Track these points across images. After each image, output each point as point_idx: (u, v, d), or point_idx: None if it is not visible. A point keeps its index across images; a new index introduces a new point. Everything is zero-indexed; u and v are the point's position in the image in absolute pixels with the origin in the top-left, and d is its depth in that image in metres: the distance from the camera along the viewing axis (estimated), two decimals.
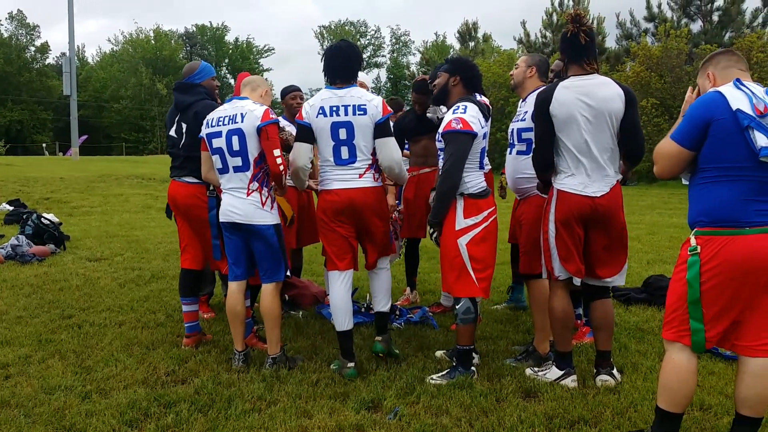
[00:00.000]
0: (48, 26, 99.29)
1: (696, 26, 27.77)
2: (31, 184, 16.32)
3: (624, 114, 3.72)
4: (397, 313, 5.34)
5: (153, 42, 62.24)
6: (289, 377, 3.98)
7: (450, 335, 4.88)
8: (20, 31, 57.24)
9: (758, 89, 2.78)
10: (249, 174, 4.07)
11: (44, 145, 49.20)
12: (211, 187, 4.46)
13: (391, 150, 4.11)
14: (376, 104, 4.08)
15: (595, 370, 3.97)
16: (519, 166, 4.35)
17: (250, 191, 4.08)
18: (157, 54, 60.71)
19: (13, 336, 4.81)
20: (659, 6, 28.54)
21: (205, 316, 5.40)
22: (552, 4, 32.95)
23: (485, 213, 3.98)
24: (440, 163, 4.00)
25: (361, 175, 4.10)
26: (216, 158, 4.15)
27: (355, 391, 3.76)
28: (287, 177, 4.26)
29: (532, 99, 4.17)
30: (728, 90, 2.76)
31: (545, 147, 3.81)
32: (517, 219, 4.45)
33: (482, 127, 3.99)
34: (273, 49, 72.70)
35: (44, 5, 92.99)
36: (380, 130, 4.08)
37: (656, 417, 3.02)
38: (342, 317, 4.15)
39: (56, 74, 54.90)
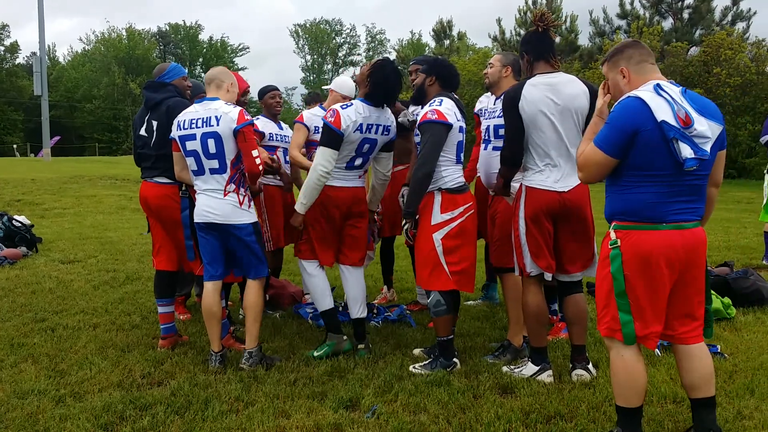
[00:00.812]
0: (18, 26, 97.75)
1: (667, 24, 28.20)
2: (1, 185, 16.02)
3: (589, 110, 3.78)
4: (375, 311, 5.34)
5: (126, 41, 61.53)
6: (267, 377, 3.96)
7: (428, 333, 4.89)
8: None
9: (674, 91, 2.82)
10: (226, 176, 4.08)
11: (15, 146, 48.36)
12: (184, 188, 4.42)
13: (390, 161, 4.58)
14: (394, 124, 4.47)
15: (570, 365, 4.01)
16: (494, 162, 4.39)
17: (227, 192, 4.09)
18: (130, 53, 60.02)
19: None
20: (632, 3, 28.93)
21: (181, 317, 5.35)
22: (526, 3, 33.22)
23: (462, 208, 4.05)
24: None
25: (360, 177, 4.47)
26: (191, 160, 4.13)
27: (332, 390, 3.76)
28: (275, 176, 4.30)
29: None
30: (650, 98, 2.78)
31: (516, 143, 3.84)
32: (491, 215, 4.48)
33: (458, 120, 4.05)
34: (248, 48, 72.59)
35: (13, 4, 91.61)
36: (390, 145, 4.49)
37: (618, 415, 3.04)
38: (327, 297, 4.44)
39: (27, 74, 53.99)
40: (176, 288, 4.91)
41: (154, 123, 4.49)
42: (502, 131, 4.29)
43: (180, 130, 4.13)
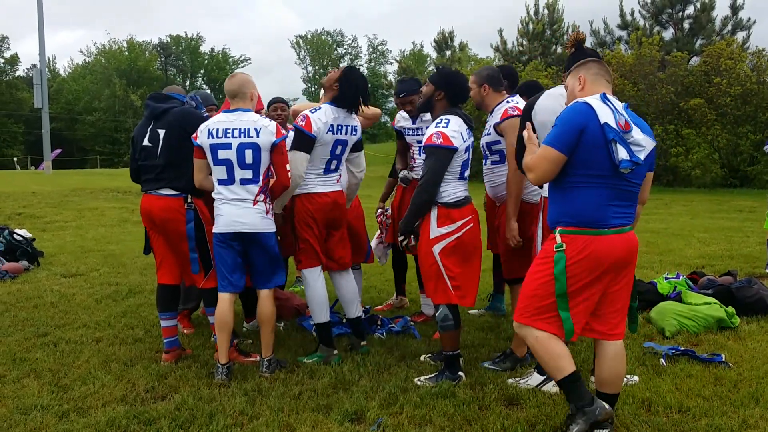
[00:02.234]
0: (18, 38, 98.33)
1: (668, 34, 28.30)
2: (2, 199, 16.03)
3: None
4: (379, 323, 5.33)
5: (127, 53, 61.79)
6: (271, 390, 3.95)
7: (432, 344, 4.88)
8: None
9: (618, 105, 3.09)
10: (258, 186, 4.16)
11: (15, 159, 48.41)
12: (189, 200, 4.42)
13: (363, 159, 4.90)
14: (359, 124, 4.70)
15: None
16: (496, 176, 4.54)
17: (256, 201, 4.17)
18: (131, 65, 60.29)
19: None
20: (632, 14, 29.04)
21: (185, 331, 5.33)
22: (528, 13, 33.34)
23: (459, 223, 4.06)
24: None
25: (337, 180, 4.65)
26: (220, 169, 4.16)
27: (337, 402, 3.74)
28: None
29: (498, 111, 4.37)
30: (596, 103, 3.03)
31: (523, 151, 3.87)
32: (497, 226, 4.52)
33: (464, 141, 4.09)
34: (249, 59, 72.76)
35: (13, 16, 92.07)
36: (359, 144, 4.78)
37: (564, 391, 3.22)
38: (325, 310, 4.55)
39: (27, 86, 54.24)
40: (179, 302, 4.89)
41: (161, 132, 4.47)
42: (495, 147, 4.48)
43: (212, 138, 4.15)
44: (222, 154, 4.13)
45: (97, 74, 60.64)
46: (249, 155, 4.11)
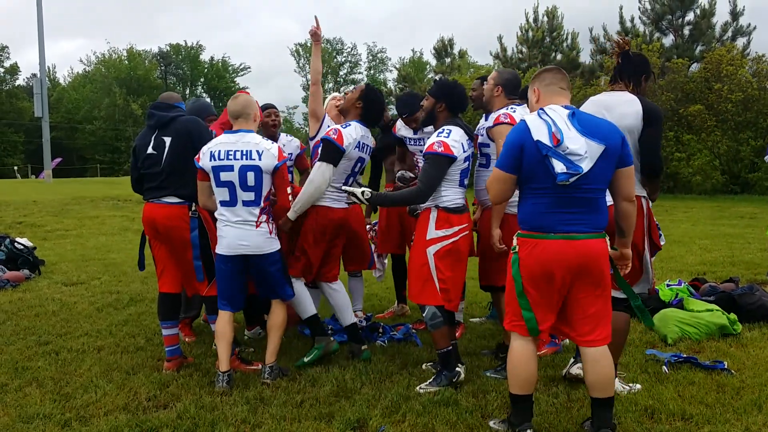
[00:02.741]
0: (18, 47, 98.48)
1: (668, 40, 28.28)
2: (2, 208, 16.04)
3: (643, 129, 3.74)
4: (381, 331, 5.32)
5: (126, 62, 61.88)
6: (273, 398, 3.95)
7: (434, 352, 4.86)
8: None
9: (560, 115, 3.18)
10: (259, 208, 4.19)
11: (16, 168, 48.47)
12: (193, 207, 4.43)
13: None
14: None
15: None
16: (480, 179, 4.59)
17: (259, 223, 4.19)
18: (131, 74, 60.35)
19: None
20: (632, 21, 29.04)
21: (186, 339, 5.32)
22: (527, 20, 33.39)
23: (456, 228, 4.15)
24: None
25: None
26: (223, 191, 4.17)
27: (340, 411, 3.74)
28: None
29: (492, 116, 4.43)
30: (532, 120, 3.21)
31: None
32: (479, 229, 4.65)
33: (464, 151, 4.19)
34: (249, 68, 72.74)
35: (14, 26, 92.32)
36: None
37: (510, 403, 3.39)
38: (309, 305, 4.67)
39: (27, 96, 54.31)
40: (180, 310, 4.89)
41: (166, 140, 4.47)
42: (484, 149, 4.57)
43: (214, 160, 4.16)
44: (224, 176, 4.14)
45: (97, 83, 60.72)
46: (251, 177, 4.13)
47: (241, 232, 4.16)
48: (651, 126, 3.76)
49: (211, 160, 4.17)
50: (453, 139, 4.11)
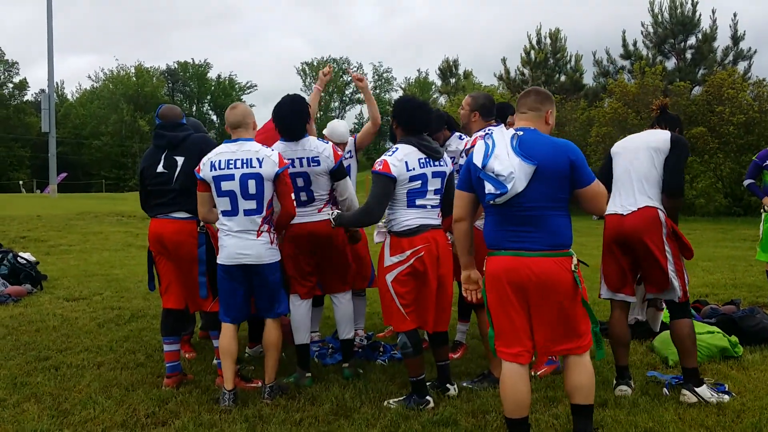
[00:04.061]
0: (27, 63, 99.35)
1: (670, 64, 28.47)
2: (6, 222, 16.09)
3: (670, 152, 4.26)
4: (381, 349, 5.32)
5: (134, 78, 62.31)
6: (272, 416, 3.94)
7: (434, 371, 4.84)
8: None
9: (503, 138, 3.26)
10: (261, 217, 4.19)
11: (21, 182, 48.69)
12: (201, 224, 4.45)
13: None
14: (327, 154, 4.57)
15: (615, 381, 4.42)
16: None
17: (260, 232, 4.19)
18: (139, 90, 60.73)
19: None
20: (635, 44, 29.26)
21: (187, 355, 5.32)
22: (530, 42, 33.64)
23: (408, 252, 4.13)
24: None
25: (319, 210, 4.61)
26: (224, 200, 4.19)
27: (338, 430, 3.73)
28: None
29: (467, 141, 4.64)
30: (478, 145, 3.34)
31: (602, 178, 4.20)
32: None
33: (408, 170, 4.13)
34: (256, 86, 73.15)
35: (24, 42, 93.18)
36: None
37: (506, 427, 3.40)
38: (302, 333, 4.66)
39: (34, 111, 54.67)
40: (183, 325, 4.90)
41: (179, 159, 4.51)
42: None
43: (215, 170, 4.18)
44: (225, 186, 4.16)
45: (105, 99, 61.05)
46: (252, 185, 4.14)
47: (242, 242, 4.17)
48: (676, 149, 4.25)
49: (212, 170, 4.19)
50: (396, 158, 4.11)
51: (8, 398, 4.32)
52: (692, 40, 28.21)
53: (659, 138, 4.31)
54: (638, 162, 4.29)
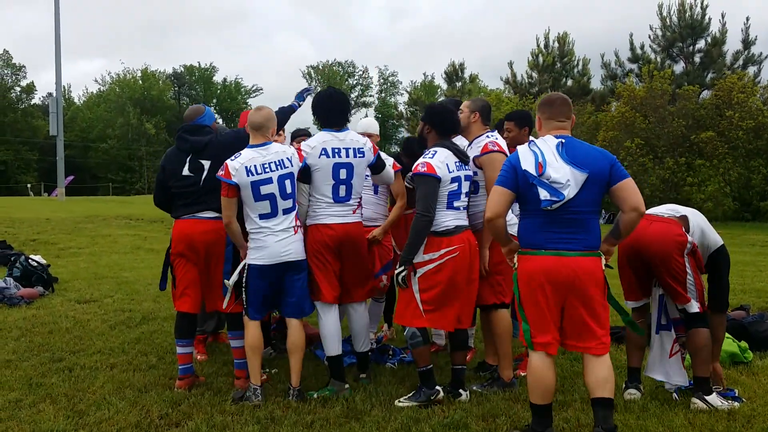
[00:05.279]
0: (35, 67, 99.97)
1: (679, 67, 28.33)
2: (16, 225, 16.19)
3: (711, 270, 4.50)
4: (390, 353, 5.34)
5: (141, 82, 62.58)
6: (284, 419, 3.97)
7: (444, 374, 4.87)
8: (6, 72, 57.40)
9: (549, 146, 3.50)
10: (294, 213, 4.34)
11: (29, 185, 48.91)
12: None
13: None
14: (369, 147, 4.62)
15: (624, 385, 4.48)
16: (470, 205, 4.62)
17: (297, 228, 4.34)
18: (145, 94, 61.01)
19: (3, 380, 4.77)
20: (642, 47, 29.15)
21: (199, 357, 5.36)
22: (538, 46, 33.59)
23: (443, 251, 4.20)
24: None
25: (354, 211, 4.57)
26: (264, 204, 4.26)
27: None
28: None
29: (477, 145, 4.56)
30: (523, 151, 3.55)
31: None
32: None
33: (450, 172, 4.24)
34: (261, 89, 73.32)
35: (31, 46, 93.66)
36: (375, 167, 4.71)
37: (531, 412, 3.59)
38: (335, 344, 4.52)
39: (42, 114, 54.97)
40: (197, 327, 4.94)
41: (205, 162, 4.55)
42: (473, 177, 4.55)
43: (251, 175, 4.22)
44: (264, 190, 4.23)
45: (111, 103, 61.36)
46: (288, 185, 4.27)
47: (284, 240, 4.27)
48: (719, 260, 4.47)
49: (248, 176, 4.22)
50: (438, 159, 4.21)
51: (24, 399, 4.37)
52: (701, 44, 28.11)
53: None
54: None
